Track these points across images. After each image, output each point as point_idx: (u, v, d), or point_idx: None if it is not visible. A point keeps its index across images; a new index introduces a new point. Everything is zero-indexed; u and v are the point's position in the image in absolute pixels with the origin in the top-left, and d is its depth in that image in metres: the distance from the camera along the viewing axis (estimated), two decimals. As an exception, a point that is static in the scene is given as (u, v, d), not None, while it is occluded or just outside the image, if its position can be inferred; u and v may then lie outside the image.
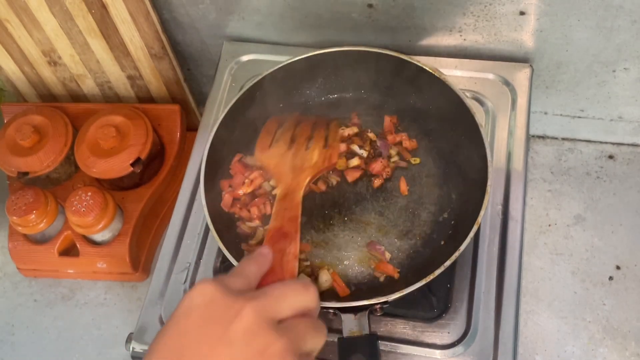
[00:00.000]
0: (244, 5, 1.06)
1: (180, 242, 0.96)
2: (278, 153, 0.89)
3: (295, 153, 0.88)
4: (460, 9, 0.97)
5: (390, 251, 0.87)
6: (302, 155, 0.88)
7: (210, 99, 1.08)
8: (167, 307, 0.91)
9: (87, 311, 1.11)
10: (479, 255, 0.88)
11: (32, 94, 1.27)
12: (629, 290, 1.01)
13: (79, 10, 1.07)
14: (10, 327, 1.11)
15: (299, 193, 0.81)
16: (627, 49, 0.97)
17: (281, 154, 0.89)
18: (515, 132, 0.97)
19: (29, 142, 1.10)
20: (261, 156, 0.90)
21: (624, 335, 0.97)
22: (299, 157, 0.88)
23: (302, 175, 0.85)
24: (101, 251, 1.07)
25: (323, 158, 0.88)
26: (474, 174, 0.86)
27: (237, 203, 0.92)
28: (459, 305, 0.86)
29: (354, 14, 1.03)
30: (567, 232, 1.07)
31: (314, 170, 0.86)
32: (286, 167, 0.86)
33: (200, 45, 1.19)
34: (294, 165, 0.86)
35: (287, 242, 0.67)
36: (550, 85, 1.08)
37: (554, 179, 1.13)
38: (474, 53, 1.05)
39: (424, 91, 0.95)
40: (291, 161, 0.87)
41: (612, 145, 1.16)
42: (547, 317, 1.00)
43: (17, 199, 1.04)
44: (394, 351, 0.84)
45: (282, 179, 0.85)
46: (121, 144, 1.08)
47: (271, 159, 0.89)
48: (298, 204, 0.78)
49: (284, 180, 0.84)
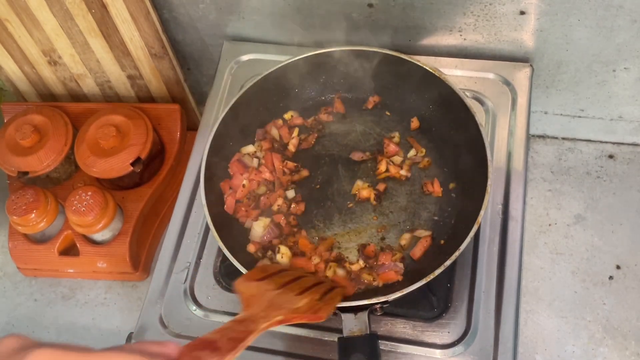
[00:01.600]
0: (244, 5, 1.06)
1: (180, 242, 0.96)
2: (262, 288, 0.75)
3: (281, 294, 0.74)
4: (461, 8, 0.97)
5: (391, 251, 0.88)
6: (287, 297, 0.74)
7: (210, 98, 1.08)
8: (167, 306, 0.91)
9: (87, 311, 1.11)
10: (479, 255, 0.88)
11: (32, 93, 1.27)
12: (629, 289, 1.01)
13: (79, 9, 1.07)
14: (10, 326, 1.11)
15: (261, 325, 0.65)
16: (627, 49, 0.97)
17: (265, 289, 0.75)
18: (516, 132, 0.97)
19: (29, 141, 1.10)
20: (241, 284, 0.76)
21: (624, 334, 0.97)
22: (282, 298, 0.73)
23: (275, 311, 0.70)
24: (101, 251, 1.07)
25: (309, 307, 0.73)
26: (474, 174, 0.86)
27: (242, 206, 0.92)
28: (459, 304, 0.86)
29: (354, 14, 1.03)
30: (567, 232, 1.07)
31: (293, 313, 0.71)
32: (262, 300, 0.72)
33: (201, 45, 1.19)
34: (273, 301, 0.72)
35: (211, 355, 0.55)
36: (551, 84, 1.08)
37: (554, 179, 1.13)
38: (474, 53, 1.05)
39: (424, 91, 0.95)
40: (272, 298, 0.73)
41: (612, 144, 1.16)
42: (547, 317, 1.00)
43: (17, 199, 1.04)
44: (394, 351, 0.84)
45: (250, 308, 0.70)
46: (121, 144, 1.08)
47: (250, 289, 0.74)
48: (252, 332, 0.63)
49: (252, 310, 0.70)
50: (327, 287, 0.79)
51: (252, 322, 0.66)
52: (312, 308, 0.73)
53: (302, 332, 0.87)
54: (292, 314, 0.71)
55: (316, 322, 0.86)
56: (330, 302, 0.76)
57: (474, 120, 0.86)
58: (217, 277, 0.93)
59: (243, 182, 0.92)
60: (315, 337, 0.86)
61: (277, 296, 0.74)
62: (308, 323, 0.87)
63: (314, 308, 0.73)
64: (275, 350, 0.86)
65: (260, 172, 0.94)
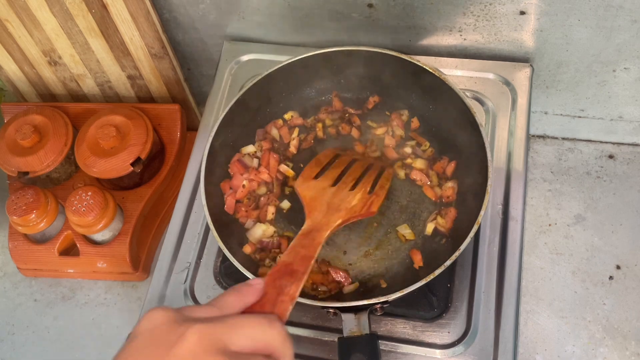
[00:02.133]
0: (244, 5, 1.06)
1: (181, 242, 0.96)
2: (319, 186, 0.85)
3: (337, 191, 0.84)
4: (461, 8, 0.97)
5: (390, 251, 0.87)
6: (343, 195, 0.83)
7: (210, 98, 1.08)
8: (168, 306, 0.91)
9: (87, 311, 1.11)
10: (479, 255, 0.88)
11: (32, 93, 1.27)
12: (629, 289, 1.01)
13: (79, 10, 1.07)
14: (10, 326, 1.11)
15: (325, 233, 0.75)
16: (627, 49, 0.97)
17: (322, 187, 0.84)
18: (516, 132, 0.97)
19: (29, 141, 1.10)
20: (301, 186, 0.85)
21: (624, 334, 0.97)
22: (338, 196, 0.83)
23: (334, 215, 0.79)
24: (101, 251, 1.07)
25: (363, 204, 0.83)
26: (474, 174, 0.86)
27: (242, 206, 0.92)
28: (459, 304, 0.86)
29: (354, 14, 1.03)
30: (567, 232, 1.07)
31: (349, 213, 0.81)
32: (322, 202, 0.81)
33: (201, 45, 1.19)
34: (331, 203, 0.82)
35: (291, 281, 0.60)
36: (551, 85, 1.08)
37: (554, 179, 1.13)
38: (474, 53, 1.05)
39: (424, 91, 0.95)
40: (330, 198, 0.82)
41: (612, 145, 1.16)
42: (547, 317, 1.00)
43: (17, 199, 1.04)
44: (394, 351, 0.84)
45: (313, 214, 0.79)
46: (121, 144, 1.08)
47: (309, 190, 0.84)
48: (319, 244, 0.71)
49: (314, 216, 0.79)
50: (376, 172, 0.89)
51: (316, 231, 0.75)
52: (365, 203, 0.83)
53: (302, 332, 0.87)
54: (349, 214, 0.80)
55: (315, 322, 0.87)
56: (380, 193, 0.86)
57: (474, 120, 0.86)
58: (217, 277, 0.93)
59: (243, 182, 0.92)
60: (315, 337, 0.86)
61: (334, 195, 0.83)
62: (308, 323, 0.87)
63: (366, 202, 0.83)
64: (275, 350, 0.86)
65: (259, 172, 0.94)
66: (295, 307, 0.59)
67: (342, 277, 0.84)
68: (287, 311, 0.58)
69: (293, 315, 0.86)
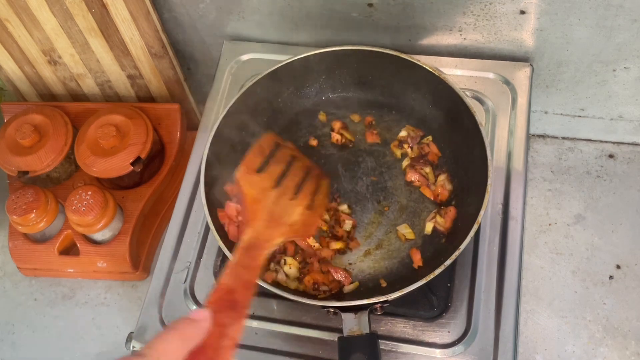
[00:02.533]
0: (244, 4, 1.06)
1: (181, 241, 0.96)
2: (262, 185, 0.80)
3: (279, 198, 0.80)
4: (461, 8, 0.97)
5: (390, 251, 0.87)
6: (284, 203, 0.79)
7: (210, 98, 1.08)
8: (167, 306, 0.91)
9: (87, 310, 1.11)
10: (479, 255, 0.88)
11: (32, 93, 1.27)
12: (629, 289, 1.01)
13: (79, 9, 1.07)
14: (10, 326, 1.11)
15: (265, 252, 0.70)
16: (628, 48, 0.97)
17: (264, 188, 0.80)
18: (516, 132, 0.97)
19: (29, 141, 1.10)
20: (243, 178, 0.80)
21: (624, 334, 0.97)
22: (280, 205, 0.79)
23: (276, 230, 0.75)
24: (101, 250, 1.07)
25: (303, 222, 0.79)
26: (474, 173, 0.86)
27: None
28: (459, 304, 0.86)
29: (354, 14, 1.03)
30: (568, 232, 1.07)
31: (290, 232, 0.77)
32: (264, 208, 0.77)
33: (201, 45, 1.19)
34: (273, 212, 0.77)
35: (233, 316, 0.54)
36: (551, 84, 1.08)
37: (554, 178, 1.13)
38: (474, 52, 1.05)
39: (424, 90, 0.95)
40: (272, 205, 0.78)
41: (612, 144, 1.16)
42: (547, 317, 1.00)
43: (17, 198, 1.04)
44: (394, 350, 0.84)
45: (255, 222, 0.74)
46: (121, 143, 1.08)
47: (252, 188, 0.79)
48: (258, 267, 0.66)
49: (256, 226, 0.74)
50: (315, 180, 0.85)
51: (258, 248, 0.70)
52: (305, 223, 0.79)
53: (302, 332, 0.87)
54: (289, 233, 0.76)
55: (315, 321, 0.87)
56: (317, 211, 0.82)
57: (474, 119, 0.86)
58: (217, 277, 0.93)
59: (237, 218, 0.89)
60: (315, 337, 0.86)
61: (276, 202, 0.79)
62: (308, 323, 0.87)
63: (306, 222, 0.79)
64: (276, 350, 0.86)
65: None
66: (295, 306, 0.57)
67: (342, 277, 0.84)
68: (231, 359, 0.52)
69: (293, 315, 0.87)
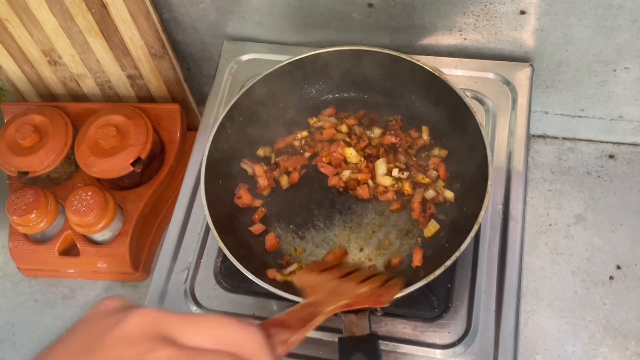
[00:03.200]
0: (244, 4, 1.06)
1: (181, 242, 0.96)
2: (323, 278, 0.76)
3: (343, 283, 0.75)
4: (461, 8, 0.97)
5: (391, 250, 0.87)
6: (349, 285, 0.75)
7: (210, 98, 1.08)
8: (168, 306, 0.91)
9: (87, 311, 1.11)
10: (480, 255, 0.88)
11: (32, 93, 1.27)
12: (630, 289, 1.01)
13: (79, 9, 1.07)
14: (10, 326, 1.11)
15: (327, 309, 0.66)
16: (628, 49, 0.97)
17: (326, 279, 0.76)
18: (516, 132, 0.97)
19: (29, 141, 1.10)
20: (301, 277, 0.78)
21: (624, 334, 0.97)
22: (344, 286, 0.75)
23: (339, 296, 0.70)
24: (101, 251, 1.07)
25: (372, 293, 0.74)
26: (474, 174, 0.86)
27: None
28: (460, 305, 0.86)
29: (354, 14, 1.03)
30: (568, 232, 1.07)
31: (356, 299, 0.73)
32: (325, 288, 0.73)
33: (201, 45, 1.19)
34: (336, 289, 0.73)
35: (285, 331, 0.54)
36: (551, 84, 1.08)
37: (554, 179, 1.13)
38: (474, 52, 1.05)
39: (424, 90, 0.95)
40: (334, 286, 0.74)
41: (612, 144, 1.15)
42: (547, 317, 1.00)
43: (17, 199, 1.04)
44: (394, 351, 0.84)
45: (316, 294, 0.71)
46: (121, 144, 1.08)
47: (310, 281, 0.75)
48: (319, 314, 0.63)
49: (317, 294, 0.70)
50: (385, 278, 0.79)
51: (319, 305, 0.66)
52: (375, 294, 0.74)
53: (303, 332, 0.87)
54: (356, 299, 0.72)
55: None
56: (391, 288, 0.77)
57: (474, 120, 0.86)
58: (217, 277, 0.93)
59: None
60: (315, 337, 0.86)
61: (340, 284, 0.75)
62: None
63: (376, 294, 0.74)
64: (276, 350, 0.86)
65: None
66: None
67: None
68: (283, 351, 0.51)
69: (293, 315, 0.87)
